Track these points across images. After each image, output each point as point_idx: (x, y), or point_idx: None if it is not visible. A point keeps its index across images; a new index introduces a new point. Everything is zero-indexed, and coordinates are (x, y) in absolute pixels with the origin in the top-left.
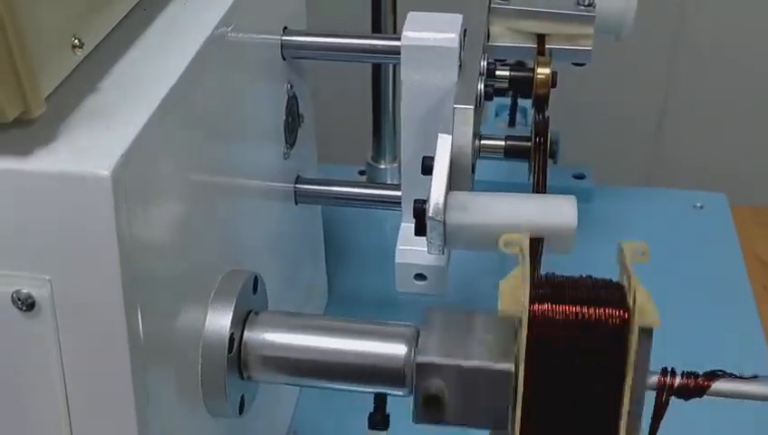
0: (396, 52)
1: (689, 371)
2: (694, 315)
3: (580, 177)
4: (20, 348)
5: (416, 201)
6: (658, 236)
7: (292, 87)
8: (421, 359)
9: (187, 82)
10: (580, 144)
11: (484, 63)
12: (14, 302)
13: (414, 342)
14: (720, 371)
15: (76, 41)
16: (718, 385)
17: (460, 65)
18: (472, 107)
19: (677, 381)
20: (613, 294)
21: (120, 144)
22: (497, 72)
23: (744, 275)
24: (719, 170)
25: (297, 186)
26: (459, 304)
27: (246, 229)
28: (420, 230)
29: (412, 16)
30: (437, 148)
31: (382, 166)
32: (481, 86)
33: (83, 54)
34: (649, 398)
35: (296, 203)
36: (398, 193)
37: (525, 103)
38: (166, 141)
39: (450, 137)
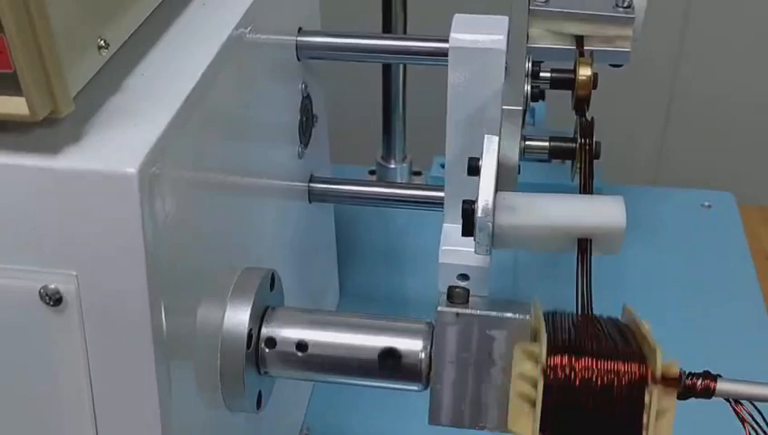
0: (411, 52)
1: (694, 372)
2: (702, 314)
3: None
4: (47, 342)
5: (464, 202)
6: (666, 235)
7: (306, 87)
8: None
9: (208, 82)
10: None
11: (528, 65)
12: (41, 297)
13: (429, 337)
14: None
15: (102, 42)
16: (724, 386)
17: (506, 67)
18: (521, 108)
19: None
20: None
21: (145, 142)
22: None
23: (752, 273)
24: (726, 169)
25: (311, 184)
26: None
27: (262, 227)
28: (468, 231)
29: (458, 18)
30: (484, 148)
31: (392, 165)
32: (528, 87)
33: (108, 55)
34: None
35: (310, 202)
36: (410, 192)
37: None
38: (189, 140)
39: (497, 138)
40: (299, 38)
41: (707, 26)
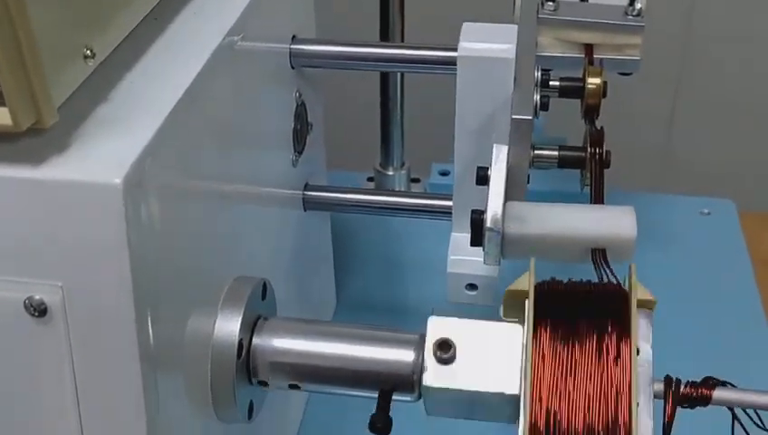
0: (406, 60)
1: (693, 380)
2: (702, 322)
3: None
4: (32, 353)
5: (473, 211)
6: (666, 242)
7: (300, 95)
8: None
9: (198, 91)
10: None
11: (538, 74)
12: (26, 308)
13: (421, 349)
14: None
15: (88, 51)
16: (721, 394)
17: (514, 76)
18: (531, 117)
19: (681, 389)
20: None
21: (131, 153)
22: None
23: (752, 281)
24: (727, 177)
25: (306, 193)
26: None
27: (255, 236)
28: (477, 241)
29: (467, 27)
30: (494, 158)
31: (390, 173)
32: (537, 97)
33: (95, 64)
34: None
35: (305, 210)
36: (406, 200)
37: None
38: (176, 150)
39: (506, 147)
40: (292, 46)
41: (710, 33)
